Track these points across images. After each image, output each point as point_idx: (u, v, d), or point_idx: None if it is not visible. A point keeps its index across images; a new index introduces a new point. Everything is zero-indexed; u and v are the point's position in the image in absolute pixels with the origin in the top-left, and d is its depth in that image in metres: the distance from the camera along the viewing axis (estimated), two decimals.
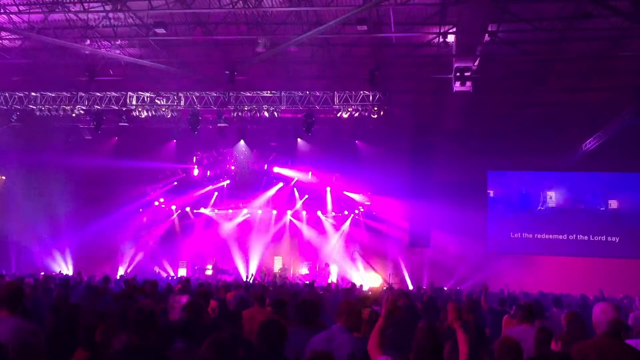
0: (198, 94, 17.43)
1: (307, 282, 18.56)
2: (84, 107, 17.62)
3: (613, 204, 22.38)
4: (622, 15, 12.40)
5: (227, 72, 15.26)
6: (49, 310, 6.68)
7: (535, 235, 23.01)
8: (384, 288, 15.94)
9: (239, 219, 25.45)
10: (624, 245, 21.96)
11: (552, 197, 23.03)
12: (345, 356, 4.32)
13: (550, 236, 22.77)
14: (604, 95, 18.09)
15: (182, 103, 17.51)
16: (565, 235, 22.66)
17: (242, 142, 22.25)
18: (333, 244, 24.39)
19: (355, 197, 24.37)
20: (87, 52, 15.34)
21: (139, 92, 17.54)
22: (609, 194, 22.49)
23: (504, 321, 7.69)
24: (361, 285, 17.84)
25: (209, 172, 24.69)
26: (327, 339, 4.59)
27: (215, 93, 17.31)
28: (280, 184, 24.81)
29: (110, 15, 13.78)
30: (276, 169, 24.12)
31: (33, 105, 17.61)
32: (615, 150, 19.00)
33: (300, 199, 24.93)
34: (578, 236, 22.56)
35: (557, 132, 19.63)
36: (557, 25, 13.58)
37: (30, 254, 21.75)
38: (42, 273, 18.39)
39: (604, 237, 22.25)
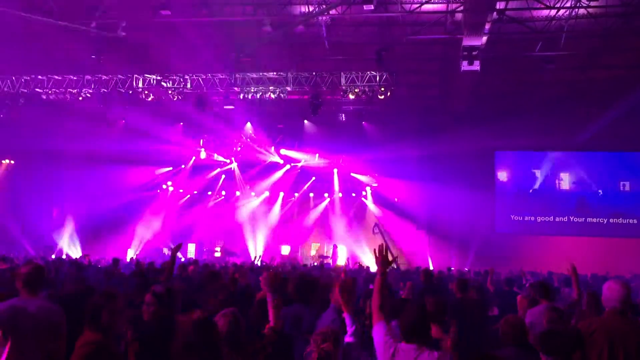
0: (204, 76, 17.37)
1: (316, 264, 18.63)
2: (90, 90, 17.65)
3: (626, 183, 22.26)
4: None
5: (233, 53, 15.18)
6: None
7: (536, 217, 22.93)
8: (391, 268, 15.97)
9: (247, 201, 25.50)
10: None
11: (562, 177, 22.94)
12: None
13: (560, 218, 22.69)
14: (614, 73, 17.88)
15: (189, 85, 17.48)
16: (574, 217, 22.59)
17: (248, 124, 22.21)
18: (341, 226, 24.40)
19: (363, 178, 24.34)
20: (93, 34, 15.27)
21: (146, 75, 17.52)
22: (620, 173, 22.35)
23: (518, 302, 7.46)
24: (368, 267, 17.86)
25: (215, 154, 24.69)
26: (325, 317, 4.94)
27: (222, 75, 17.23)
28: (287, 166, 24.82)
29: None
30: (283, 151, 24.08)
31: (39, 89, 17.63)
32: (626, 129, 18.85)
33: (308, 180, 24.94)
34: (587, 219, 22.48)
35: (567, 111, 19.46)
36: (566, 2, 13.38)
37: (39, 237, 21.91)
38: (53, 256, 18.56)
39: (617, 218, 22.17)
